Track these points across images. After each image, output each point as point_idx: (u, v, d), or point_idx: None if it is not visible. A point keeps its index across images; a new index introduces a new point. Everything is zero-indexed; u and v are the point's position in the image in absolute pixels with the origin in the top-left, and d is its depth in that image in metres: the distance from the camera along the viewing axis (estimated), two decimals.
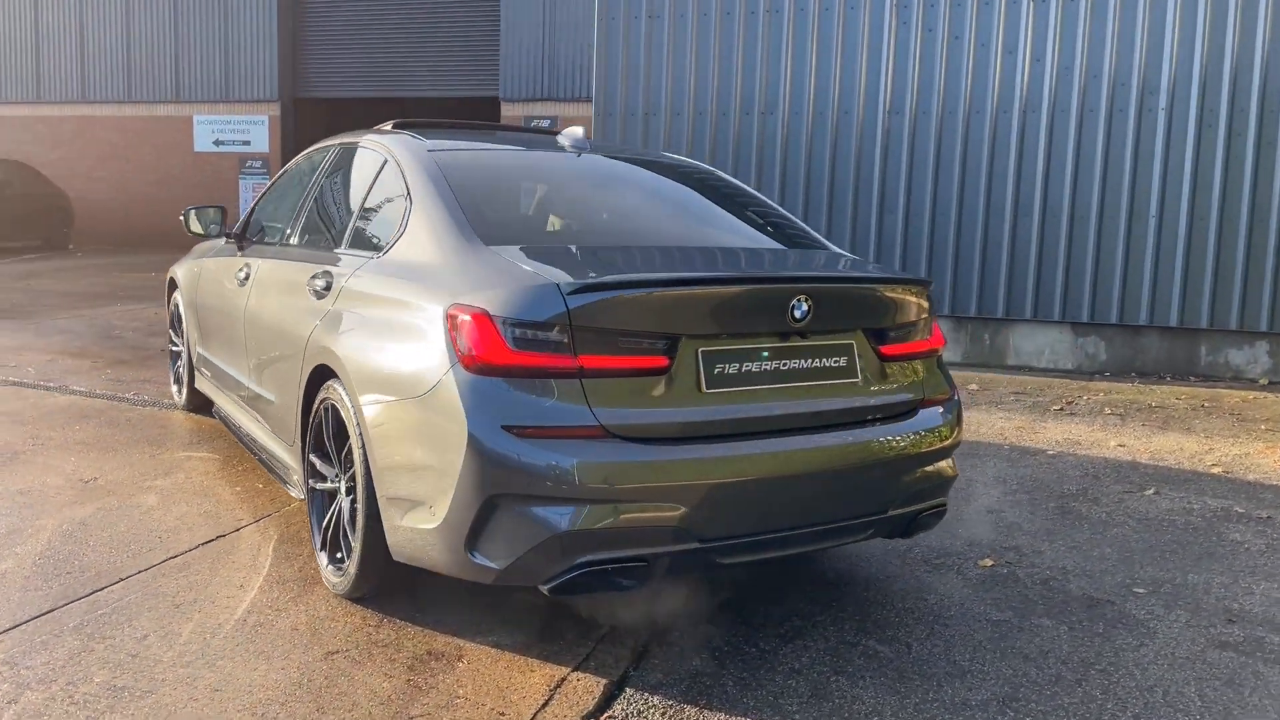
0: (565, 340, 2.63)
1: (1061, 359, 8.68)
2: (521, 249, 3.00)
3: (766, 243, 3.69)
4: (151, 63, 18.24)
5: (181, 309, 5.69)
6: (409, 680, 2.79)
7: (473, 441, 2.60)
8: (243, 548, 3.75)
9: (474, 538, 2.67)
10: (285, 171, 4.81)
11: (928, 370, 3.32)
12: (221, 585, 3.39)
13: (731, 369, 2.83)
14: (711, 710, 2.71)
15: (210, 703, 2.63)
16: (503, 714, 2.64)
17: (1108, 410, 6.87)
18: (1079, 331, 8.61)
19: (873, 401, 3.10)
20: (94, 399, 6.14)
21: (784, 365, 2.92)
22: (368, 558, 3.08)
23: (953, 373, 7.86)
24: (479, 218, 3.14)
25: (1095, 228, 8.39)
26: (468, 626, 3.12)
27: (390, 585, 3.23)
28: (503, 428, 2.60)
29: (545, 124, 15.64)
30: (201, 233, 4.99)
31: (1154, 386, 7.86)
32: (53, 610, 3.14)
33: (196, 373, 5.46)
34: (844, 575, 3.72)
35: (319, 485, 3.45)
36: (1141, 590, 3.62)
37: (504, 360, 2.62)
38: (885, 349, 3.15)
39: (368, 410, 3.01)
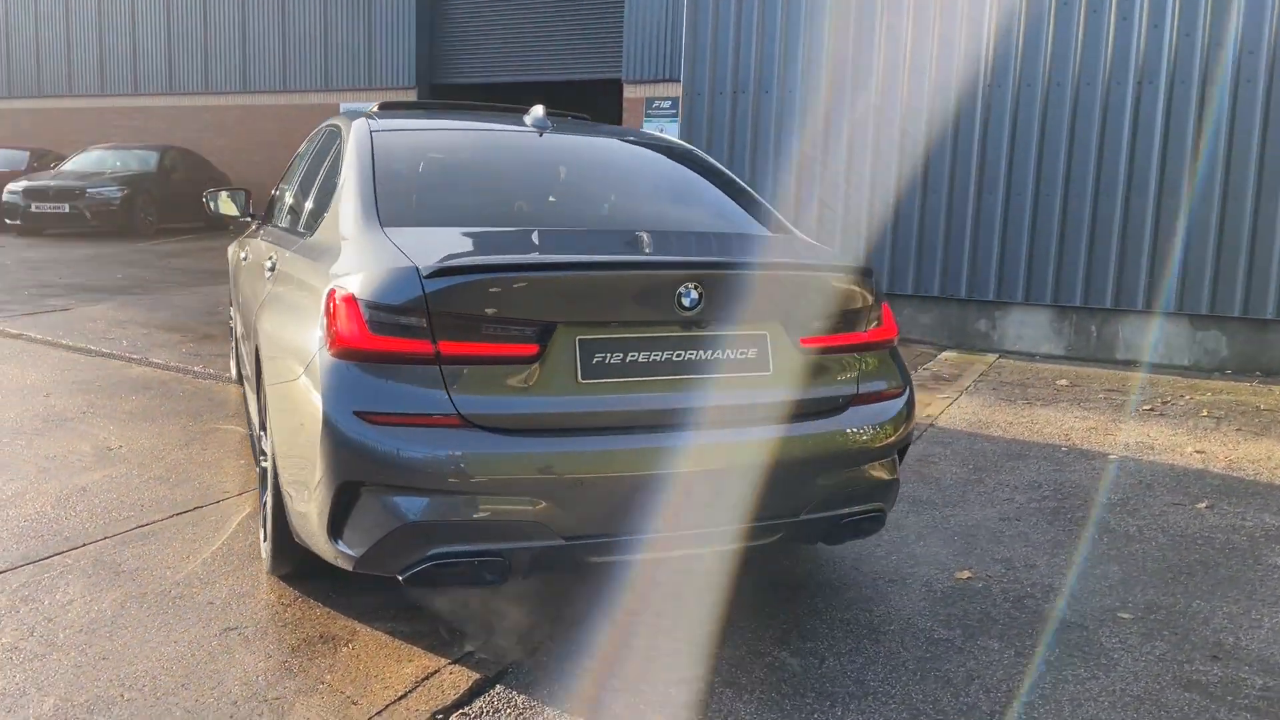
0: (423, 325, 2.55)
1: (1176, 354, 7.92)
2: (417, 231, 2.94)
3: (697, 225, 3.49)
4: (303, 53, 19.22)
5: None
6: (284, 662, 2.79)
7: (326, 425, 2.56)
8: (212, 519, 3.87)
9: (335, 524, 2.64)
10: (296, 154, 4.93)
11: (870, 364, 3.06)
12: (171, 555, 3.50)
13: (614, 359, 2.68)
14: (571, 714, 2.59)
15: (89, 670, 2.71)
16: (355, 703, 2.60)
17: (1205, 412, 6.21)
18: (1197, 324, 7.83)
19: (787, 397, 2.87)
20: (164, 371, 6.51)
21: (679, 356, 2.74)
22: (278, 537, 3.10)
23: (1049, 366, 7.36)
24: (391, 199, 3.10)
25: (1218, 209, 7.60)
26: (374, 610, 3.10)
27: (313, 564, 3.24)
28: (354, 413, 2.55)
29: (665, 105, 15.53)
30: (236, 214, 5.17)
31: (1275, 387, 7.06)
32: (4, 571, 3.33)
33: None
34: (798, 580, 3.49)
35: (264, 462, 3.51)
36: (1126, 615, 3.23)
37: (363, 344, 2.57)
38: (807, 341, 2.91)
39: (269, 390, 3.03)
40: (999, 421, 5.91)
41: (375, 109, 4.06)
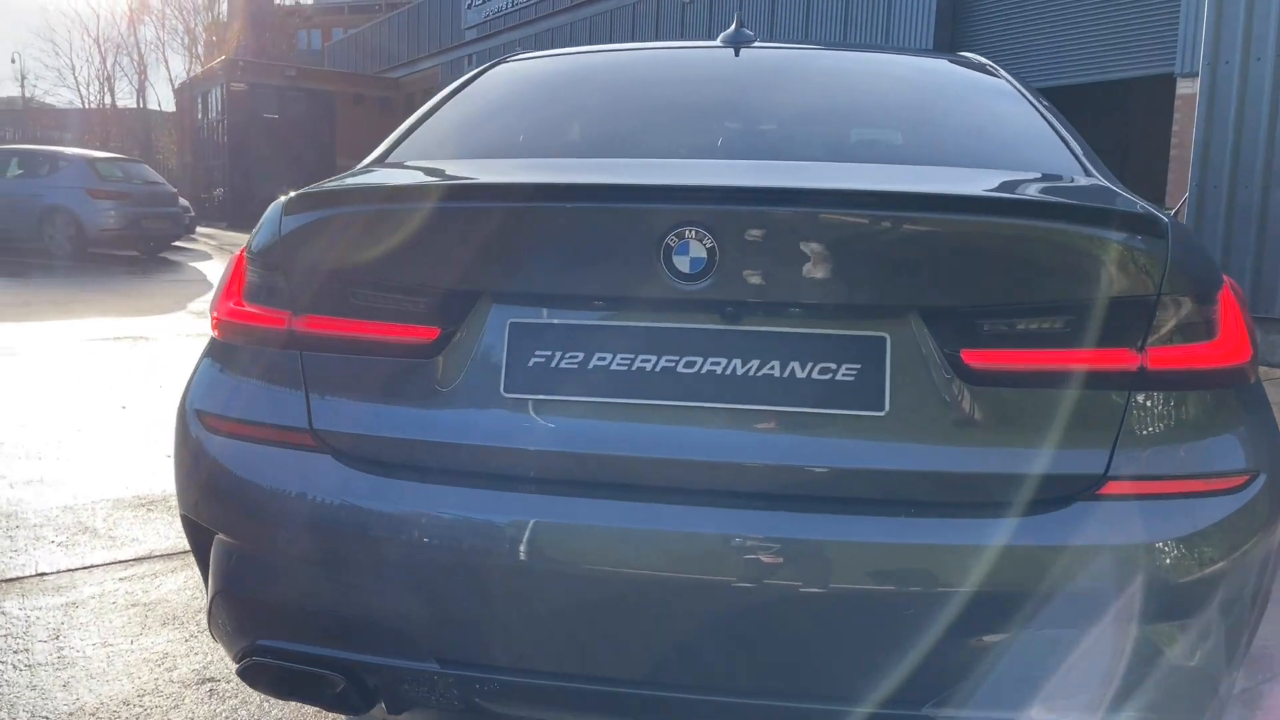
0: (281, 286, 1.66)
1: None
2: (411, 166, 2.04)
3: (897, 158, 2.04)
4: None
5: None
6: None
7: (177, 427, 1.79)
8: None
9: (202, 568, 1.83)
10: None
11: (1162, 415, 1.47)
12: None
13: (568, 360, 1.52)
14: None
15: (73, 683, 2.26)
16: None
17: None
18: None
19: (918, 465, 1.44)
20: None
21: (689, 366, 1.49)
22: None
23: None
24: (429, 134, 2.22)
25: None
26: None
27: None
28: (197, 413, 1.73)
29: None
30: None
31: None
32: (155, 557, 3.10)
33: None
34: None
35: None
36: None
37: (230, 315, 1.75)
38: (979, 357, 1.45)
39: None
40: None
41: None
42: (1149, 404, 1.47)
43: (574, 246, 1.51)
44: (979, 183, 1.74)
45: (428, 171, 1.95)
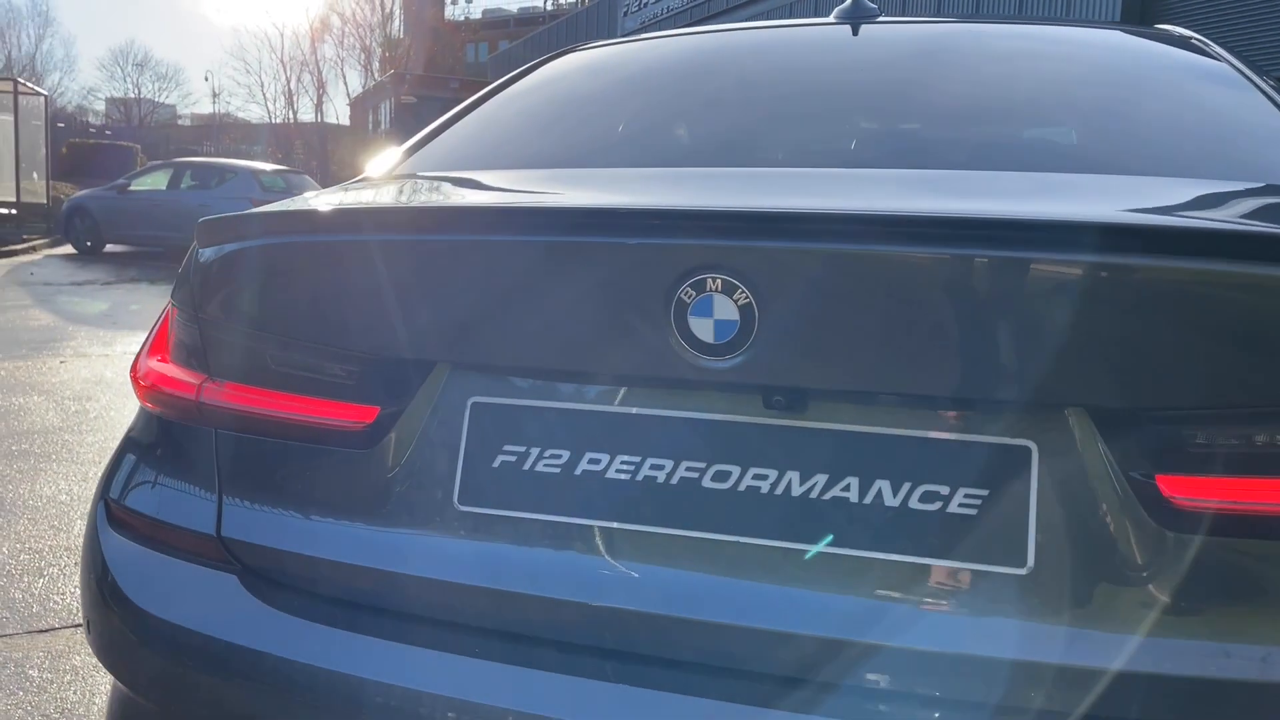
0: (196, 342, 1.25)
1: None
2: (401, 174, 1.62)
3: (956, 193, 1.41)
4: None
5: None
6: None
7: (89, 519, 1.41)
8: None
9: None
10: None
11: None
12: None
13: (550, 463, 1.05)
14: None
15: None
16: None
17: None
18: None
19: (1088, 658, 0.89)
20: None
21: (725, 480, 0.99)
22: None
23: None
24: (461, 134, 1.81)
25: None
26: None
27: None
28: (106, 500, 1.35)
29: None
30: None
31: None
32: None
33: None
34: None
35: None
36: None
37: (148, 375, 1.36)
38: (1189, 486, 0.89)
39: None
40: None
41: None
42: None
43: (559, 299, 1.03)
44: (1184, 204, 1.15)
45: (404, 189, 1.51)
